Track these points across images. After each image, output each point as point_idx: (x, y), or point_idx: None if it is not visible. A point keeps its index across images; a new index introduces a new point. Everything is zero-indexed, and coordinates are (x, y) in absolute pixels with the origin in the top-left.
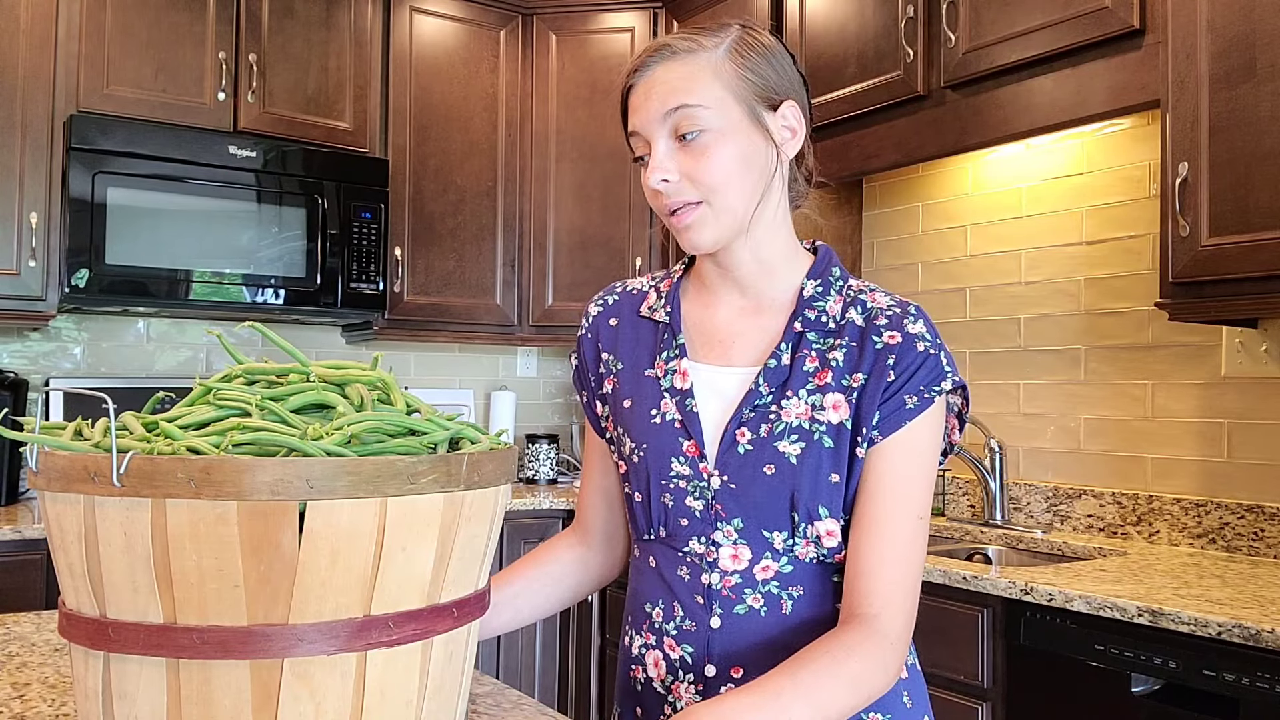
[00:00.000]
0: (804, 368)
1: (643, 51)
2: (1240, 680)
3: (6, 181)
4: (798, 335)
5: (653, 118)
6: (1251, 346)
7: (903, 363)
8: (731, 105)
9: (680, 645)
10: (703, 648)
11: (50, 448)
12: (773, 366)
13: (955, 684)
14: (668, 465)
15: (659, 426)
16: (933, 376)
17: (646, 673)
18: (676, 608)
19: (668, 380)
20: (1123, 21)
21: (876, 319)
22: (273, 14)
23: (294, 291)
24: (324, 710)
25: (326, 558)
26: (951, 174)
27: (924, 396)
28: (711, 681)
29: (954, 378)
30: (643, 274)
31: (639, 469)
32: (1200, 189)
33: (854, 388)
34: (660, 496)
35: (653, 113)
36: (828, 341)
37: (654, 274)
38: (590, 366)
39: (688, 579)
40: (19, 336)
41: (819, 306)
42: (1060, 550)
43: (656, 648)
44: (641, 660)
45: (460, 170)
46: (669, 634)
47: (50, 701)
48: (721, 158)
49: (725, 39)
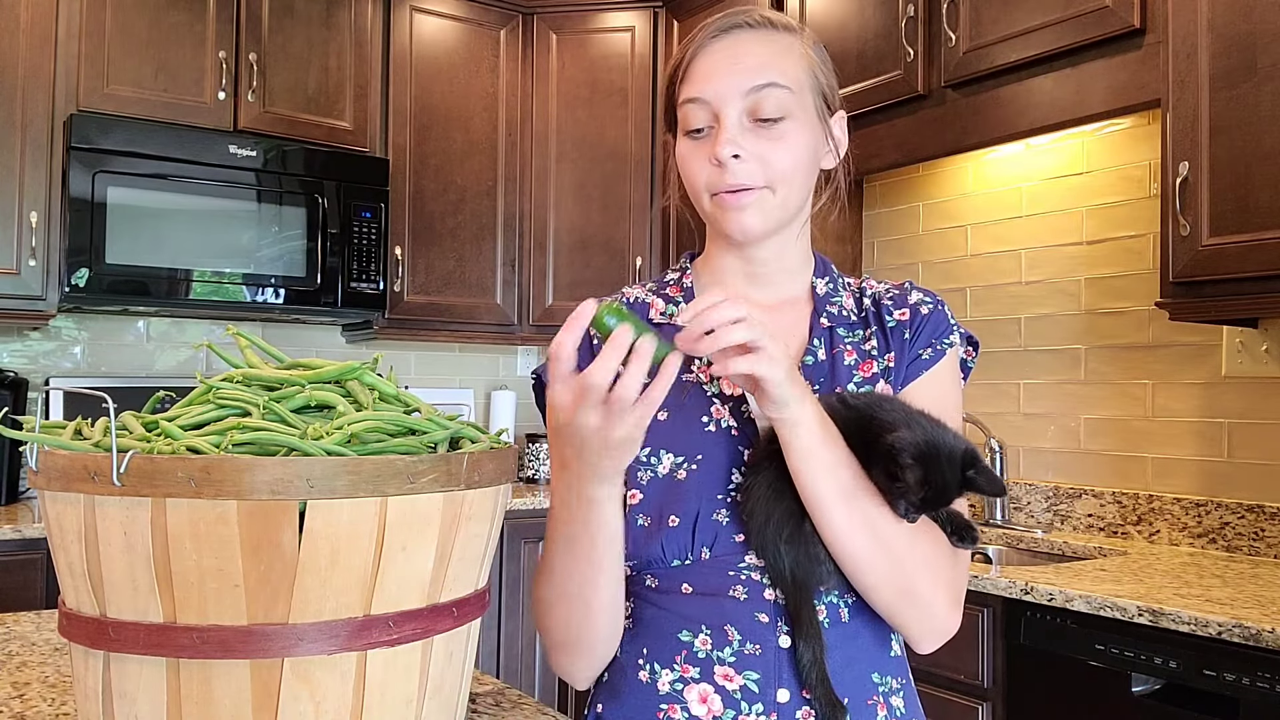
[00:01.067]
0: (845, 363)
1: (719, 17)
2: (1240, 680)
3: (6, 181)
4: (827, 331)
5: (734, 88)
6: (1252, 346)
7: (914, 327)
8: (810, 97)
9: (741, 673)
10: (771, 671)
11: (50, 447)
12: (810, 364)
13: (955, 684)
14: (726, 477)
15: (715, 435)
16: (940, 331)
17: (689, 711)
18: (730, 632)
19: (714, 386)
20: (1123, 21)
21: (884, 302)
22: (273, 13)
23: (294, 291)
24: (324, 710)
25: (326, 557)
26: (952, 174)
27: (936, 349)
28: (785, 709)
29: (960, 329)
30: (643, 274)
31: (683, 487)
32: (1201, 188)
33: (890, 368)
34: (713, 514)
35: (736, 83)
36: (858, 334)
37: (647, 283)
38: None
39: (745, 598)
40: (19, 336)
41: (837, 302)
42: (1060, 550)
43: (704, 680)
44: (679, 698)
45: (460, 170)
46: (724, 662)
47: (50, 701)
48: (798, 147)
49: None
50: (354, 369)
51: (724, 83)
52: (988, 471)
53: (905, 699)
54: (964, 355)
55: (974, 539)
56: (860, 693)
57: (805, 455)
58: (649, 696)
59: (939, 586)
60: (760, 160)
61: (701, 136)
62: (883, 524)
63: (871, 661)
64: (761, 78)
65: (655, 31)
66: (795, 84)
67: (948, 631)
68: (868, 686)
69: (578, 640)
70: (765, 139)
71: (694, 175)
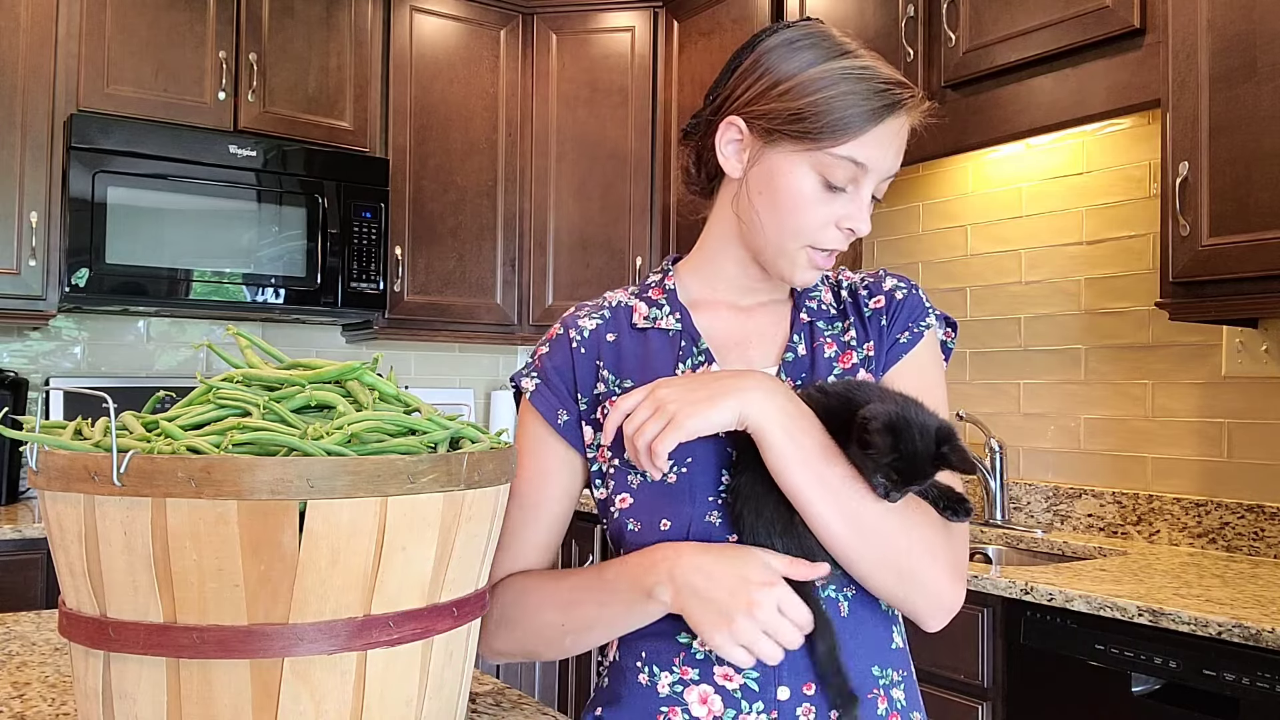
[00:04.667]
0: (825, 355)
1: (901, 83)
2: (1240, 680)
3: (6, 181)
4: (807, 325)
5: (889, 171)
6: (1252, 346)
7: (890, 313)
8: None
9: (741, 672)
10: (771, 669)
11: (50, 447)
12: (790, 359)
13: (955, 684)
14: (718, 479)
15: (704, 438)
16: (916, 314)
17: (690, 713)
18: None
19: None
20: (1123, 21)
21: (859, 292)
22: (273, 13)
23: (294, 291)
24: (324, 710)
25: (326, 557)
26: (952, 173)
27: (913, 331)
28: (786, 706)
29: (935, 311)
30: (643, 274)
31: (677, 490)
32: (1201, 188)
33: (870, 357)
34: (705, 516)
35: (892, 167)
36: (837, 326)
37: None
38: (582, 385)
39: None
40: (19, 336)
41: (815, 296)
42: (1060, 550)
43: (703, 681)
44: (679, 700)
45: (460, 170)
46: (723, 662)
47: (50, 701)
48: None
49: None
50: (354, 369)
51: (888, 164)
52: (961, 449)
53: (906, 691)
54: (943, 337)
55: (967, 510)
56: (862, 685)
57: (778, 452)
58: (649, 700)
59: (937, 563)
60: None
61: (837, 192)
62: (867, 509)
63: (872, 654)
64: (899, 164)
65: (655, 31)
66: None
67: (953, 607)
68: (869, 679)
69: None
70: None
71: (807, 222)
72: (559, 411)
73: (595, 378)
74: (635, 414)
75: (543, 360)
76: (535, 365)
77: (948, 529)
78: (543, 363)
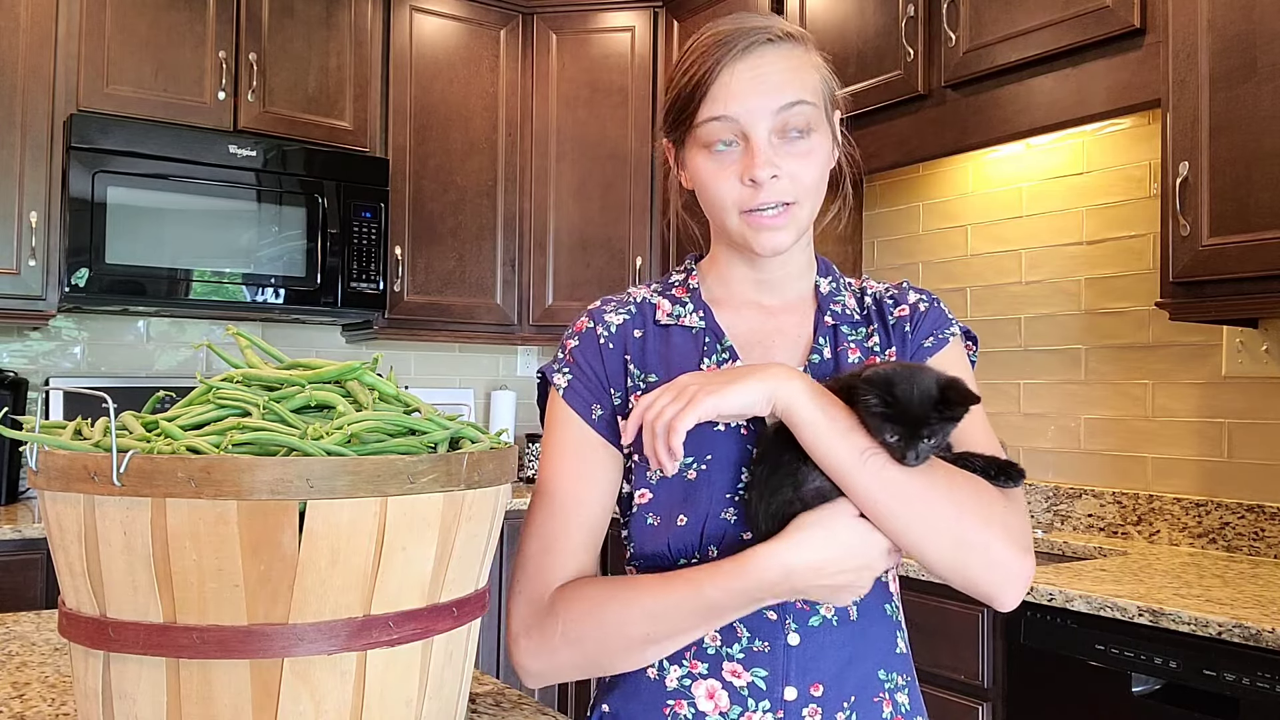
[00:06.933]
0: (849, 360)
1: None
2: (1240, 680)
3: (6, 181)
4: (831, 329)
5: (764, 108)
6: (1252, 346)
7: (914, 322)
8: (825, 106)
9: (749, 670)
10: (779, 669)
11: (50, 447)
12: (816, 362)
13: (955, 684)
14: (736, 476)
15: (724, 434)
16: (940, 324)
17: (696, 707)
18: (739, 629)
19: None
20: (1123, 21)
21: (884, 301)
22: (273, 13)
23: (294, 291)
24: (324, 710)
25: (326, 557)
26: (952, 173)
27: (938, 337)
28: (792, 706)
29: (958, 324)
30: (643, 274)
31: (695, 487)
32: (1201, 188)
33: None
34: (722, 512)
35: (765, 103)
36: (861, 332)
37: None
38: (613, 379)
39: None
40: (19, 336)
41: (840, 301)
42: (1061, 550)
43: (711, 676)
44: (686, 693)
45: (460, 170)
46: (732, 658)
47: (50, 701)
48: (823, 159)
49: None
50: (354, 369)
51: (754, 102)
52: (959, 383)
53: (910, 696)
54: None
55: (1019, 474)
56: (866, 689)
57: (814, 428)
58: (657, 692)
59: (991, 528)
60: (791, 177)
61: (725, 153)
62: (908, 477)
63: (878, 659)
64: (789, 95)
65: (655, 31)
66: (815, 96)
67: (1022, 577)
68: (874, 683)
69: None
70: (794, 155)
71: (721, 193)
72: (593, 406)
73: (625, 373)
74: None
75: (574, 354)
76: (566, 360)
77: (1001, 497)
78: (574, 357)
